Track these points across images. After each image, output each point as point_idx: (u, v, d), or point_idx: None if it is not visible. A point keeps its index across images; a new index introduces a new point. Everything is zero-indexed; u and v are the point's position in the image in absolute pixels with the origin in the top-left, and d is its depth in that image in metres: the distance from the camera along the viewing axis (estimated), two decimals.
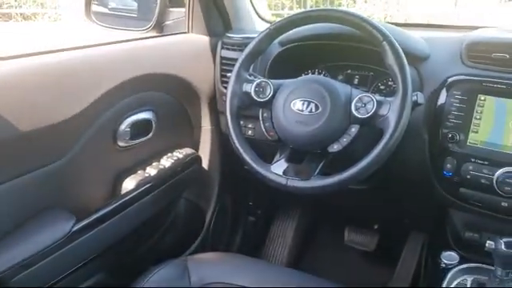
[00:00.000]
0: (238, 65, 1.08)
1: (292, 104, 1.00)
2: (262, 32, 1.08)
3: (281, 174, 1.00)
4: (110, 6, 1.59)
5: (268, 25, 1.11)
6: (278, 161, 1.04)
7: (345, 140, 0.98)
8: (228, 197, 1.64)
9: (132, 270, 1.06)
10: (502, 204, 1.02)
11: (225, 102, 1.08)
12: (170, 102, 1.34)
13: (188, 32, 1.44)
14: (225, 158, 1.51)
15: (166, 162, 1.30)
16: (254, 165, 1.02)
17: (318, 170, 0.99)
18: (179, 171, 1.32)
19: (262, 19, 1.58)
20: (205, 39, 1.41)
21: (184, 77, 1.31)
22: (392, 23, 1.37)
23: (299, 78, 1.05)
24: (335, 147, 0.98)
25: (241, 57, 1.09)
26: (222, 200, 1.59)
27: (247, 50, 1.08)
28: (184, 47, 1.38)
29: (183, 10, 1.44)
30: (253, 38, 1.10)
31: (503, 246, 0.95)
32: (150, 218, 1.24)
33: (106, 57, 1.14)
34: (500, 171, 0.99)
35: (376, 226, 1.73)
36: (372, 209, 1.55)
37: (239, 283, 0.97)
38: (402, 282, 1.57)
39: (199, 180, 1.47)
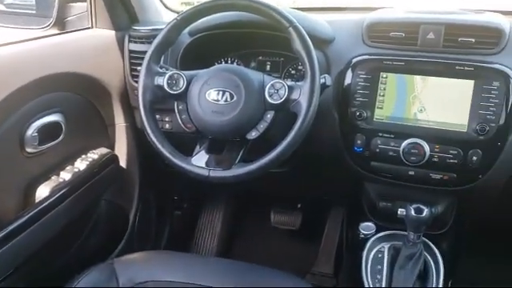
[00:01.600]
0: (147, 58, 1.05)
1: (207, 94, 1.00)
2: (169, 23, 1.06)
3: (202, 165, 1.00)
4: (6, 2, 1.48)
5: (176, 15, 1.09)
6: (198, 152, 1.04)
7: (262, 126, 1.00)
8: (151, 193, 1.61)
9: (56, 280, 1.01)
10: (410, 173, 1.10)
11: (137, 96, 1.05)
12: (80, 101, 1.27)
13: (92, 27, 1.37)
14: (143, 154, 1.47)
15: (81, 164, 1.24)
16: (174, 159, 1.01)
17: (238, 158, 1.01)
18: (96, 173, 1.27)
19: (170, 10, 1.55)
20: (110, 33, 1.35)
21: (92, 74, 1.25)
22: (298, 8, 1.40)
23: (212, 68, 1.05)
24: (253, 134, 1.00)
25: (150, 49, 1.06)
26: (144, 197, 1.56)
27: (155, 42, 1.06)
28: (89, 43, 1.32)
29: (85, 4, 1.37)
30: (161, 29, 1.08)
31: (413, 212, 1.03)
32: (69, 225, 1.19)
33: (5, 59, 1.06)
34: (405, 143, 1.07)
35: (299, 205, 1.80)
36: (294, 189, 1.61)
37: (170, 279, 0.97)
38: (326, 255, 1.65)
39: (118, 179, 1.42)
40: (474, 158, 1.03)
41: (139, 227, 1.54)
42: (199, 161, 1.01)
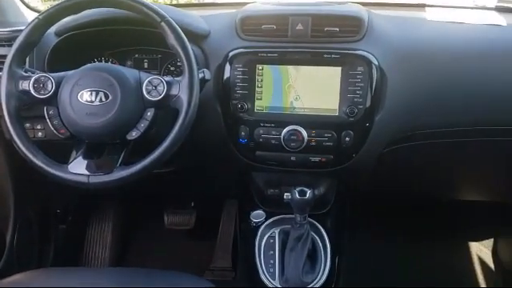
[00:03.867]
0: (8, 61, 0.96)
1: (79, 96, 0.94)
2: (30, 23, 0.98)
3: (81, 172, 0.94)
4: None
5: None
6: (75, 159, 0.97)
7: (142, 125, 0.96)
8: (29, 209, 1.48)
9: None
10: (292, 158, 1.15)
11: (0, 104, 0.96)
12: None
13: None
14: (16, 167, 1.35)
15: None
16: (49, 168, 0.94)
17: (120, 161, 0.97)
18: None
19: (32, 9, 1.44)
20: None
21: None
22: (172, 5, 1.39)
23: (82, 68, 0.99)
24: (134, 134, 0.96)
25: (10, 52, 0.97)
26: (23, 214, 1.43)
27: (16, 44, 0.97)
28: None
29: None
30: (21, 30, 0.99)
31: (297, 195, 1.08)
32: None
33: None
34: (285, 130, 1.11)
35: (192, 204, 1.79)
36: (185, 188, 1.59)
37: None
38: (223, 249, 1.67)
39: None
40: (347, 138, 1.11)
41: (19, 247, 1.41)
42: (77, 167, 0.95)
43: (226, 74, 1.13)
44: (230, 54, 1.13)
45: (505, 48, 1.13)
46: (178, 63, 1.24)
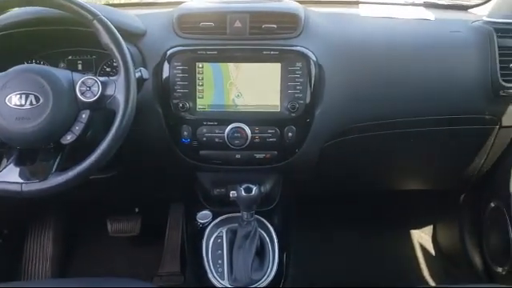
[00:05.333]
0: None
1: (7, 100, 0.89)
2: None
3: (13, 180, 0.89)
4: None
5: None
6: (6, 167, 0.91)
7: (77, 128, 0.92)
8: None
9: None
10: (236, 156, 1.15)
11: None
12: None
13: None
14: None
15: None
16: None
17: (55, 167, 0.92)
18: None
19: None
20: None
21: None
22: (108, 4, 1.35)
23: (9, 70, 0.93)
24: (69, 138, 0.92)
25: None
26: None
27: None
28: None
29: None
30: None
31: (243, 192, 1.08)
32: None
33: None
34: (228, 128, 1.11)
35: (137, 209, 1.74)
36: (128, 193, 1.54)
37: None
38: (171, 253, 1.63)
39: None
40: (290, 134, 1.12)
41: None
42: (9, 176, 0.89)
43: (165, 73, 1.11)
44: (169, 52, 1.11)
45: (434, 41, 1.19)
46: (114, 63, 1.20)
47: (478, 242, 1.52)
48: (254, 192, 1.08)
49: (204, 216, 1.22)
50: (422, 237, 1.86)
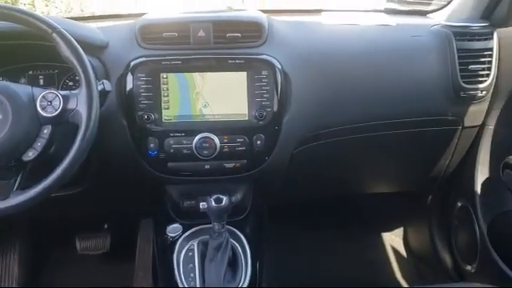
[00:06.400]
0: None
1: None
2: None
3: None
4: None
5: None
6: None
7: (39, 144, 0.89)
8: None
9: None
10: (206, 167, 1.13)
11: None
12: None
13: None
14: None
15: None
16: None
17: (16, 185, 0.89)
18: None
19: None
20: None
21: None
22: (68, 17, 1.32)
23: None
24: (30, 154, 0.89)
25: None
26: None
27: None
28: None
29: None
30: None
31: (213, 203, 1.06)
32: None
33: None
34: (196, 138, 1.10)
35: (106, 226, 1.70)
36: (96, 209, 1.50)
37: None
38: (143, 269, 1.60)
39: None
40: (259, 142, 1.12)
41: None
42: None
43: (129, 85, 1.09)
44: (132, 63, 1.09)
45: (396, 45, 1.22)
46: (77, 77, 1.17)
47: (448, 241, 1.55)
48: (224, 202, 1.07)
49: (174, 229, 1.20)
50: (393, 239, 1.88)
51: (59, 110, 0.89)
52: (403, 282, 1.70)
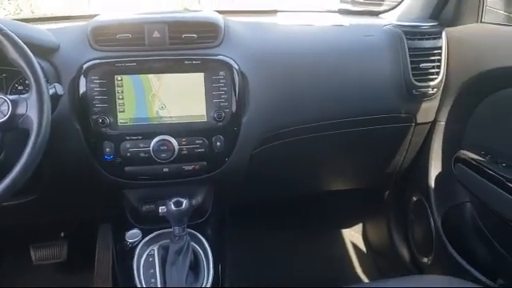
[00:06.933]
0: None
1: None
2: None
3: None
4: None
5: None
6: None
7: None
8: None
9: None
10: (164, 170, 1.11)
11: None
12: None
13: None
14: None
15: None
16: None
17: None
18: None
19: None
20: None
21: None
22: (18, 19, 1.27)
23: None
24: None
25: None
26: None
27: None
28: None
29: None
30: None
31: (173, 206, 1.05)
32: None
33: None
34: (153, 141, 1.08)
35: (62, 234, 1.64)
36: (52, 217, 1.45)
37: None
38: (102, 277, 1.55)
39: None
40: (218, 143, 1.11)
41: None
42: None
43: (82, 88, 1.06)
44: (85, 66, 1.06)
45: (350, 45, 1.24)
46: (27, 81, 1.13)
47: (405, 235, 1.59)
48: (184, 205, 1.05)
49: (133, 235, 1.17)
50: (353, 235, 1.92)
51: (8, 115, 0.85)
52: (364, 278, 1.73)
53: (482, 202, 1.17)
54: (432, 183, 1.36)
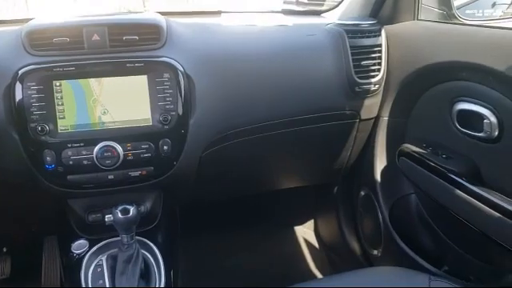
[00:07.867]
0: None
1: None
2: None
3: None
4: None
5: None
6: None
7: None
8: None
9: None
10: (109, 177, 1.08)
11: None
12: None
13: None
14: None
15: None
16: None
17: None
18: None
19: None
20: None
21: None
22: None
23: None
24: None
25: None
26: None
27: None
28: None
29: None
30: None
31: (119, 214, 1.01)
32: None
33: None
34: (97, 148, 1.04)
35: (5, 249, 1.56)
36: None
37: None
38: None
39: None
40: (165, 147, 1.09)
41: None
42: None
43: (18, 95, 1.00)
44: (20, 72, 1.01)
45: (293, 45, 1.25)
46: None
47: (355, 229, 1.63)
48: (131, 213, 1.02)
49: (79, 246, 1.13)
50: (305, 232, 1.94)
51: None
52: (317, 273, 1.76)
53: (426, 193, 1.22)
54: (378, 177, 1.40)
